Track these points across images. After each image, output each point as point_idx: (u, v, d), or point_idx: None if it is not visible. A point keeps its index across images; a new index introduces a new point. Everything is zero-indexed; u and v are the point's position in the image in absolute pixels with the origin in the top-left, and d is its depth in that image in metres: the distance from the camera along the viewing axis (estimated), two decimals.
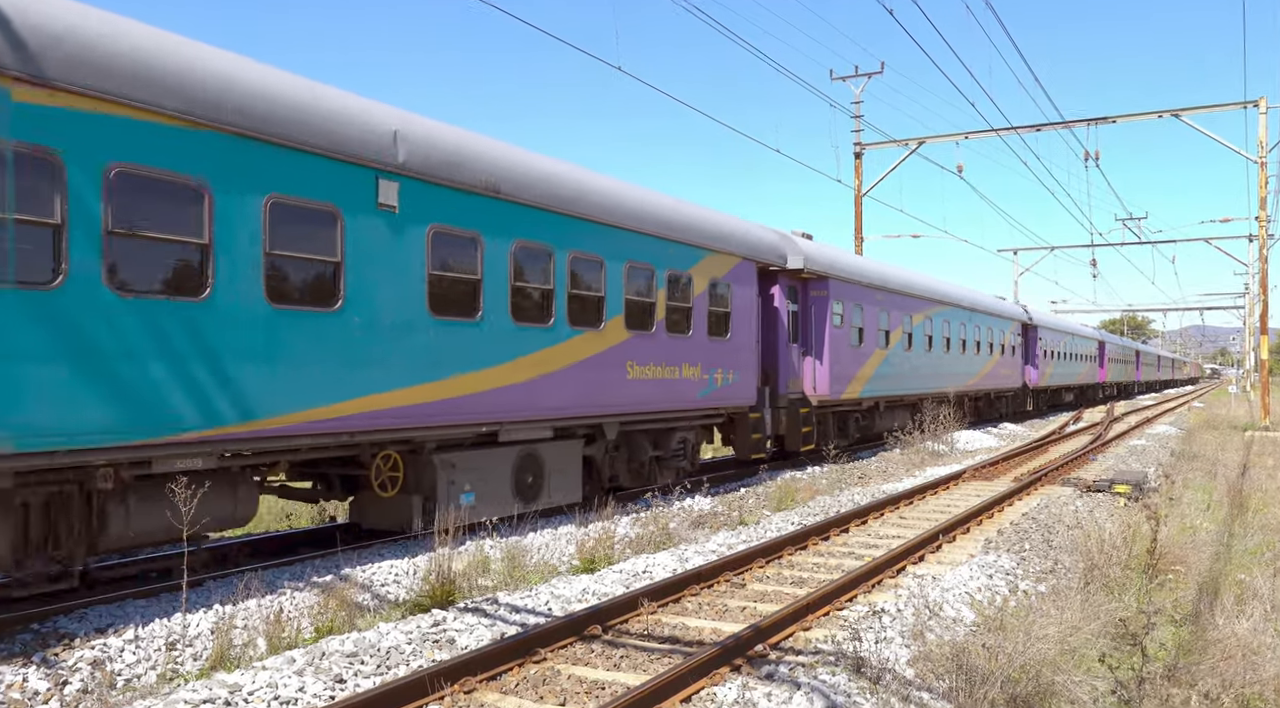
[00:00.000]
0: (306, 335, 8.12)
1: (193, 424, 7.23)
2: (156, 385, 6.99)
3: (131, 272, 6.93)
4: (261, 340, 7.78)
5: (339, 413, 8.36)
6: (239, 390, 7.57)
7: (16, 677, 5.49)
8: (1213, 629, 6.39)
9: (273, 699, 5.16)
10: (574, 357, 11.32)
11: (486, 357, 9.97)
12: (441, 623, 6.66)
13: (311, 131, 8.28)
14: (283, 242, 8.03)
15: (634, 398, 12.44)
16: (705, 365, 14.09)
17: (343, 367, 8.40)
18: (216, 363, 7.42)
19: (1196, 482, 15.29)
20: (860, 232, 30.82)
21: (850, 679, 5.46)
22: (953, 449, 21.32)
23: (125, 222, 6.89)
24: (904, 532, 10.80)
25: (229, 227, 7.57)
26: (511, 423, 10.38)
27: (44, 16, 6.51)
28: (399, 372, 8.94)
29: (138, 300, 6.95)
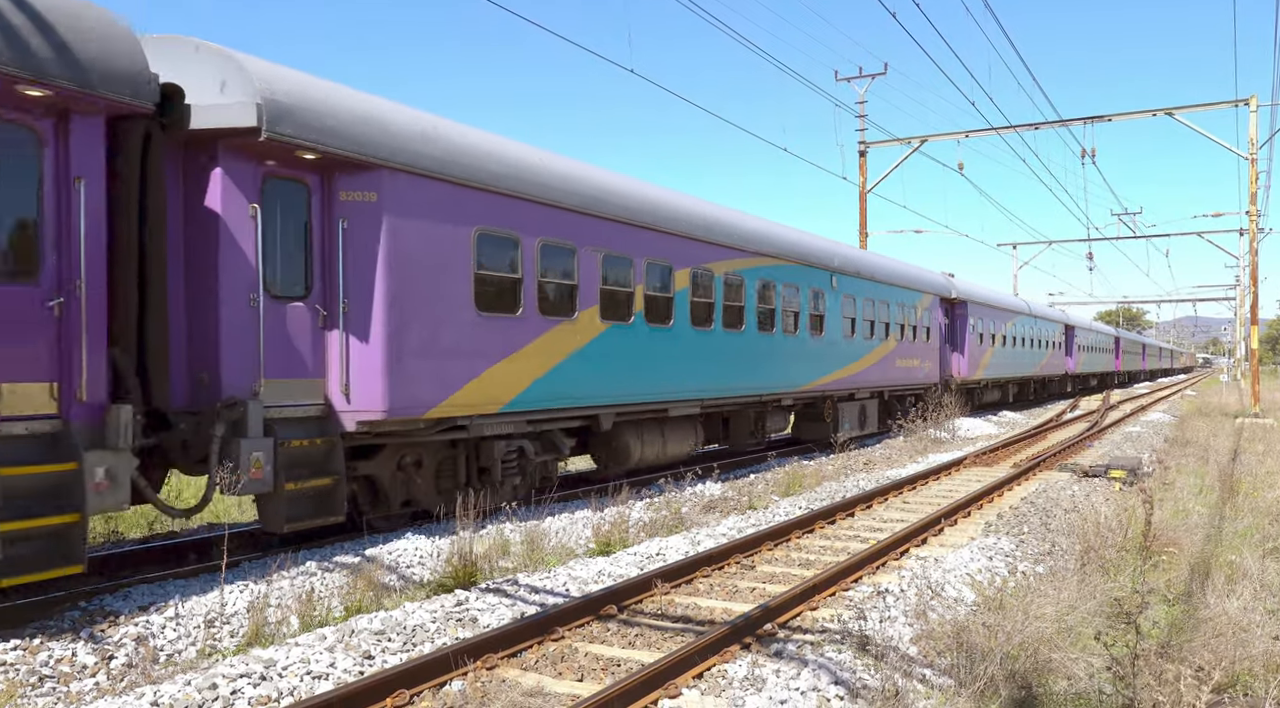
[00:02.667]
0: (792, 347, 16.86)
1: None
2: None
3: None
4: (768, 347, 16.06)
5: (818, 383, 17.85)
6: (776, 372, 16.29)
7: (66, 651, 5.72)
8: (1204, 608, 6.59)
9: (305, 674, 5.33)
10: (877, 357, 20.74)
11: (848, 359, 19.25)
12: (464, 603, 6.86)
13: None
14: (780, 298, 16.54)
15: (896, 377, 22.08)
16: (921, 360, 23.67)
17: (816, 362, 17.73)
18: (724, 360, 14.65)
19: (1189, 467, 15.52)
20: (865, 227, 31.06)
21: (855, 657, 5.63)
22: (954, 436, 21.56)
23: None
24: (907, 516, 11.03)
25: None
26: (861, 388, 19.99)
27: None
28: (831, 366, 18.41)
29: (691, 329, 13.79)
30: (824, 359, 18.03)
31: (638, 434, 12.82)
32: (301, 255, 8.39)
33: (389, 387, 8.64)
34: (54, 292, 6.50)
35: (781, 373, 16.35)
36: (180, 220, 7.72)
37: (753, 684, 5.26)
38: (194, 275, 7.75)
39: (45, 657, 5.61)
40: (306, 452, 8.16)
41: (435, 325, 9.17)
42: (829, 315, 18.27)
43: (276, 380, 8.14)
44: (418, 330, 8.96)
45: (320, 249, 8.52)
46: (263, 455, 7.62)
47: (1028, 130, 28.39)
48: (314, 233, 8.47)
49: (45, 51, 6.19)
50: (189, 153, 7.75)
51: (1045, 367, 38.24)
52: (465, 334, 9.55)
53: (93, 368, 6.64)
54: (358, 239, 8.55)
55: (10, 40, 5.98)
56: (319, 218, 8.51)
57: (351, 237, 8.54)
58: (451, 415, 9.41)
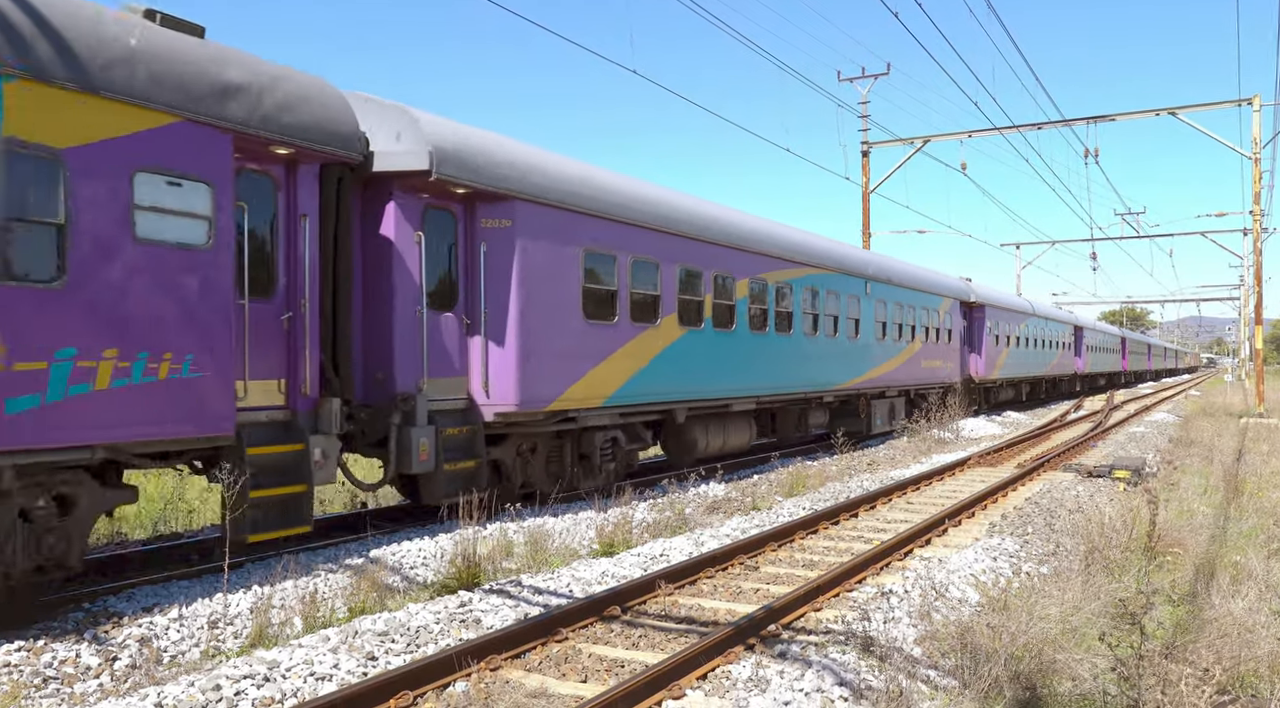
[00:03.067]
0: (832, 349, 18.27)
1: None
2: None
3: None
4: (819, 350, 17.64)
5: (853, 382, 19.14)
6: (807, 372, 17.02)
7: (70, 652, 5.73)
8: (1209, 609, 6.58)
9: (309, 675, 5.32)
10: (905, 358, 22.12)
11: (880, 360, 20.62)
12: (468, 604, 6.87)
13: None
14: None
15: (922, 377, 23.38)
16: (944, 360, 25.09)
17: (853, 363, 19.06)
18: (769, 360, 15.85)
19: (1194, 467, 15.50)
20: (868, 227, 31.09)
21: (859, 658, 5.63)
22: (958, 437, 21.55)
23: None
24: (911, 516, 11.02)
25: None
26: (891, 387, 21.31)
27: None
28: (865, 366, 19.74)
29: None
30: (859, 360, 19.49)
31: (704, 428, 14.24)
32: (450, 273, 10.06)
33: (520, 384, 10.21)
34: (285, 307, 8.18)
35: (823, 373, 17.79)
36: (358, 246, 9.22)
37: (757, 685, 5.26)
38: (370, 292, 9.34)
39: (49, 658, 5.62)
40: (457, 438, 9.78)
41: (554, 332, 10.74)
42: (864, 320, 19.74)
43: (435, 379, 9.70)
44: (541, 336, 10.55)
45: (464, 267, 10.18)
46: (427, 441, 9.29)
47: (1031, 130, 28.42)
48: (459, 254, 10.16)
49: (289, 117, 7.91)
50: (366, 189, 9.34)
51: (1056, 367, 39.31)
52: (575, 339, 11.12)
53: (312, 369, 8.35)
54: (495, 258, 10.19)
55: (266, 112, 7.69)
56: (463, 241, 10.18)
57: (490, 256, 10.20)
58: (565, 409, 10.97)
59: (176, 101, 7.04)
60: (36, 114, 6.21)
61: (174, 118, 7.03)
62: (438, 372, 9.73)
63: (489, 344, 10.14)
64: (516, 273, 10.18)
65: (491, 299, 10.15)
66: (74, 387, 6.37)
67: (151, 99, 6.86)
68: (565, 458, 11.61)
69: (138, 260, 6.77)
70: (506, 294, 10.14)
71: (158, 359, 6.87)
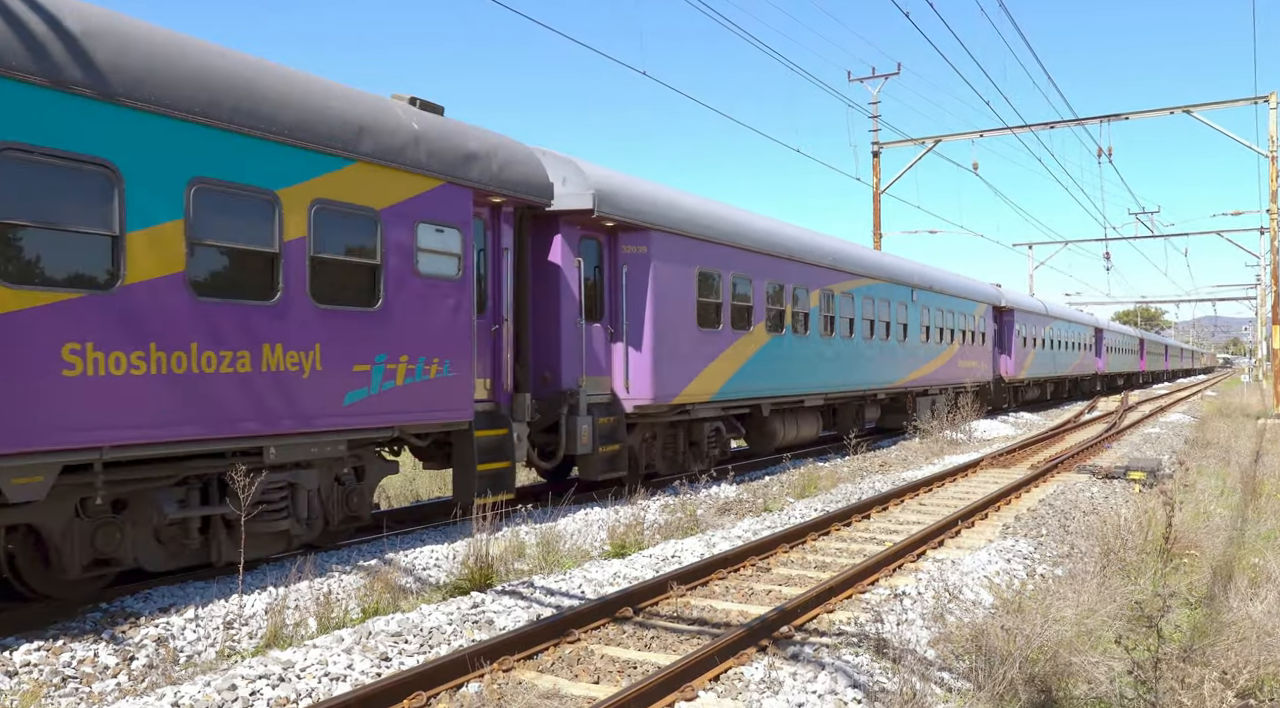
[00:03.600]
0: (884, 351, 20.23)
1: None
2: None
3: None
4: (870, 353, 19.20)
5: (902, 381, 21.17)
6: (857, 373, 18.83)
7: (88, 652, 5.77)
8: (1227, 612, 6.53)
9: (323, 676, 5.35)
10: (945, 359, 24.20)
11: (924, 361, 22.63)
12: (480, 605, 6.89)
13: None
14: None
15: (959, 376, 25.70)
16: (978, 361, 27.46)
17: (901, 363, 21.10)
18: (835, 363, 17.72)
19: (1210, 468, 15.38)
20: (879, 228, 30.99)
21: (872, 660, 5.62)
22: (970, 438, 21.47)
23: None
24: (924, 518, 10.99)
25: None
26: (933, 385, 23.35)
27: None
28: (912, 367, 21.73)
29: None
30: (907, 361, 21.64)
31: (783, 420, 16.31)
32: (598, 290, 12.10)
33: (653, 382, 12.31)
34: (493, 321, 10.28)
35: (877, 373, 19.90)
36: (530, 269, 10.99)
37: (769, 687, 5.26)
38: (540, 306, 11.21)
39: (68, 658, 5.67)
40: (606, 426, 11.76)
41: (676, 338, 12.81)
42: (910, 325, 21.90)
43: (589, 377, 11.70)
44: (668, 342, 12.62)
45: (609, 285, 12.25)
46: (587, 428, 11.31)
47: (1043, 129, 28.21)
48: (605, 275, 12.26)
49: (505, 174, 10.04)
50: (536, 223, 11.22)
51: (1078, 367, 41.41)
52: (691, 344, 13.17)
53: (512, 370, 10.44)
54: (634, 278, 12.26)
55: (492, 172, 9.81)
56: (608, 264, 12.28)
57: (630, 276, 12.24)
58: (684, 403, 13.06)
59: (441, 169, 9.20)
60: (367, 186, 8.38)
61: (440, 181, 9.21)
62: (591, 371, 11.74)
63: (629, 349, 12.23)
64: (651, 290, 12.33)
65: (631, 312, 12.23)
66: (384, 383, 8.54)
67: (427, 168, 9.04)
68: (679, 444, 13.75)
69: (419, 289, 8.95)
70: (642, 307, 12.27)
71: (430, 363, 9.02)
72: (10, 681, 5.34)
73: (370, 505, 8.97)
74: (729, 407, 14.35)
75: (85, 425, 6.28)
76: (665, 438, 13.41)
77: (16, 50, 5.98)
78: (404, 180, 8.79)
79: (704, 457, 14.01)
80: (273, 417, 7.52)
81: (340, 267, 8.15)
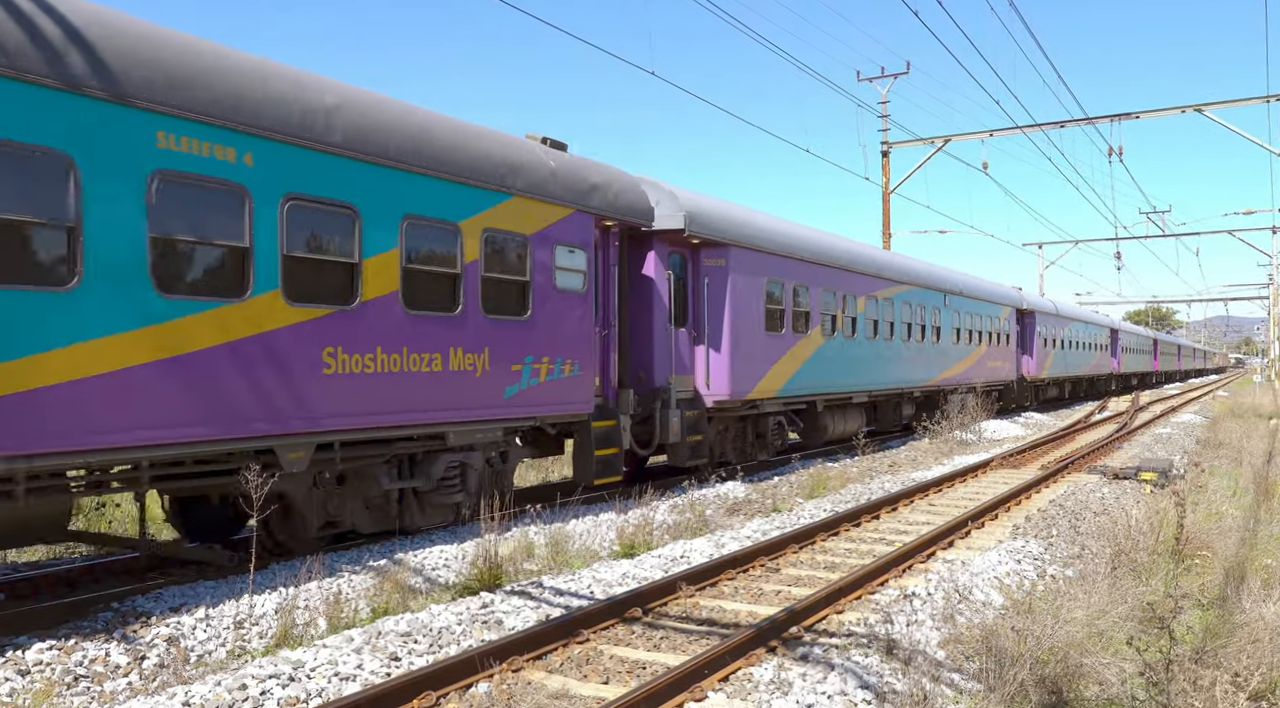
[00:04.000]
0: (920, 352, 21.71)
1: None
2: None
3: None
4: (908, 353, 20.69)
5: (935, 380, 22.74)
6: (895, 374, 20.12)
7: (100, 651, 5.80)
8: (1240, 613, 6.50)
9: (333, 675, 5.37)
10: (974, 359, 25.89)
11: (955, 361, 24.10)
12: (489, 605, 6.90)
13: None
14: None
15: (987, 376, 27.03)
16: (1004, 361, 28.66)
17: (935, 363, 22.62)
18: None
19: (1222, 469, 15.29)
20: (888, 228, 30.88)
21: (882, 661, 5.61)
22: (980, 438, 21.38)
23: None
24: (933, 518, 10.96)
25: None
26: (962, 384, 24.70)
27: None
28: (944, 367, 23.26)
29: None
30: (939, 361, 23.25)
31: (833, 415, 17.94)
32: (683, 299, 13.59)
33: (730, 380, 13.88)
34: (604, 327, 11.70)
35: (913, 372, 21.49)
36: (628, 282, 12.58)
37: (779, 688, 5.25)
38: (635, 314, 12.70)
39: (80, 657, 5.70)
40: (691, 419, 13.29)
41: (749, 341, 14.37)
42: (943, 327, 23.46)
43: (677, 376, 13.17)
44: (742, 344, 14.16)
45: (691, 294, 13.76)
46: (677, 420, 12.83)
47: (1053, 129, 28.11)
48: (689, 285, 13.75)
49: (619, 201, 11.66)
50: (633, 241, 12.72)
51: (1095, 367, 43.08)
52: (760, 346, 14.73)
53: (618, 368, 12.05)
54: (713, 288, 13.79)
55: (608, 199, 11.45)
56: (691, 276, 13.76)
57: (710, 286, 13.76)
58: (753, 398, 14.67)
59: (572, 199, 10.86)
60: (520, 215, 10.15)
61: (571, 209, 10.87)
62: (678, 371, 13.19)
63: (709, 351, 13.69)
64: (728, 298, 13.84)
65: (711, 318, 13.70)
66: (531, 380, 10.22)
67: (562, 199, 10.70)
68: (747, 436, 15.36)
69: (556, 301, 10.63)
70: (721, 314, 13.79)
71: (563, 363, 10.69)
72: (23, 679, 5.37)
73: (510, 484, 10.57)
74: (790, 402, 16.10)
75: (336, 412, 8.02)
76: (736, 430, 15.02)
77: (309, 125, 7.81)
78: (546, 210, 10.54)
79: (768, 447, 15.74)
80: (455, 407, 9.25)
81: (502, 283, 9.90)
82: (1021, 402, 31.40)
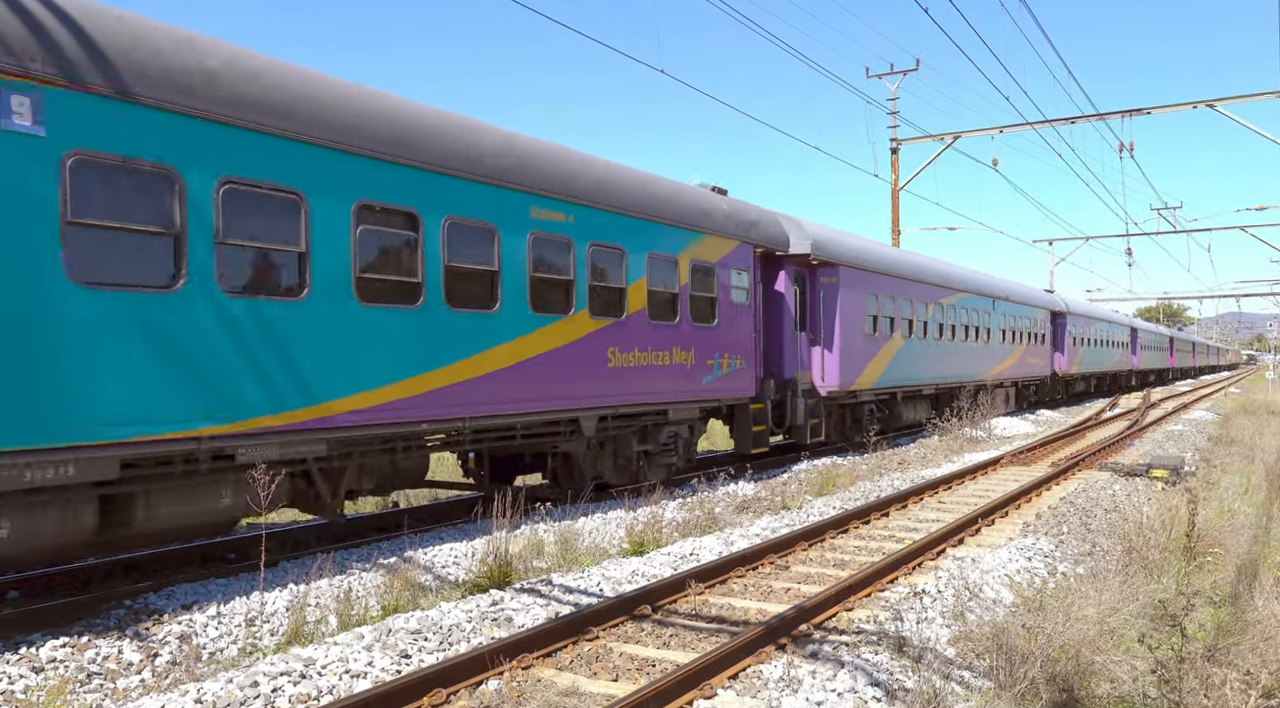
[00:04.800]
0: (973, 351, 25.00)
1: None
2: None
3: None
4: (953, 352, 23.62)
5: (984, 376, 25.79)
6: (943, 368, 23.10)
7: (113, 649, 5.84)
8: (1252, 611, 6.46)
9: (344, 673, 5.38)
10: (1016, 357, 28.90)
11: (1000, 359, 26.96)
12: (499, 603, 6.90)
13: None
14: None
15: (1026, 372, 30.42)
16: (1040, 359, 32.31)
17: (984, 361, 25.80)
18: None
19: (1234, 466, 15.20)
20: (897, 224, 30.77)
21: (892, 658, 5.60)
22: (990, 435, 21.32)
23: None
24: (943, 516, 10.92)
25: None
26: (1006, 380, 27.48)
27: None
28: (992, 364, 26.40)
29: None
30: (988, 359, 26.38)
31: (907, 405, 21.14)
32: (804, 309, 16.88)
33: (840, 374, 17.15)
34: (753, 332, 14.58)
35: (969, 368, 24.74)
36: (765, 296, 15.80)
37: (789, 686, 5.24)
38: (770, 321, 15.87)
39: (93, 654, 5.73)
40: (811, 406, 16.48)
41: (852, 343, 17.65)
42: (992, 329, 26.76)
43: (800, 371, 16.41)
44: (848, 345, 17.44)
45: (810, 305, 17.01)
46: (802, 407, 16.05)
47: (1064, 125, 27.90)
48: (807, 298, 16.97)
49: (770, 233, 14.96)
50: (768, 263, 15.81)
51: (1117, 363, 46.96)
52: (859, 347, 18.03)
53: (760, 363, 15.09)
54: (827, 300, 17.06)
55: (762, 232, 14.71)
56: (809, 290, 17.00)
57: (825, 299, 17.03)
58: (854, 389, 17.91)
59: (739, 234, 14.16)
60: (710, 248, 13.41)
61: (738, 242, 14.16)
62: (802, 367, 16.48)
63: (823, 351, 16.91)
64: (839, 309, 17.09)
65: (825, 324, 16.91)
66: (717, 371, 13.55)
67: (733, 234, 14.02)
68: (846, 421, 18.54)
69: (731, 312, 13.92)
70: (833, 321, 17.03)
71: (735, 359, 14.02)
72: (37, 677, 5.41)
73: (695, 451, 13.67)
74: (879, 393, 19.32)
75: (613, 394, 11.43)
76: (838, 416, 18.25)
77: (614, 197, 11.56)
78: (724, 243, 13.82)
79: (863, 429, 18.78)
80: (675, 391, 12.63)
81: (701, 299, 13.28)
82: (1054, 395, 34.87)
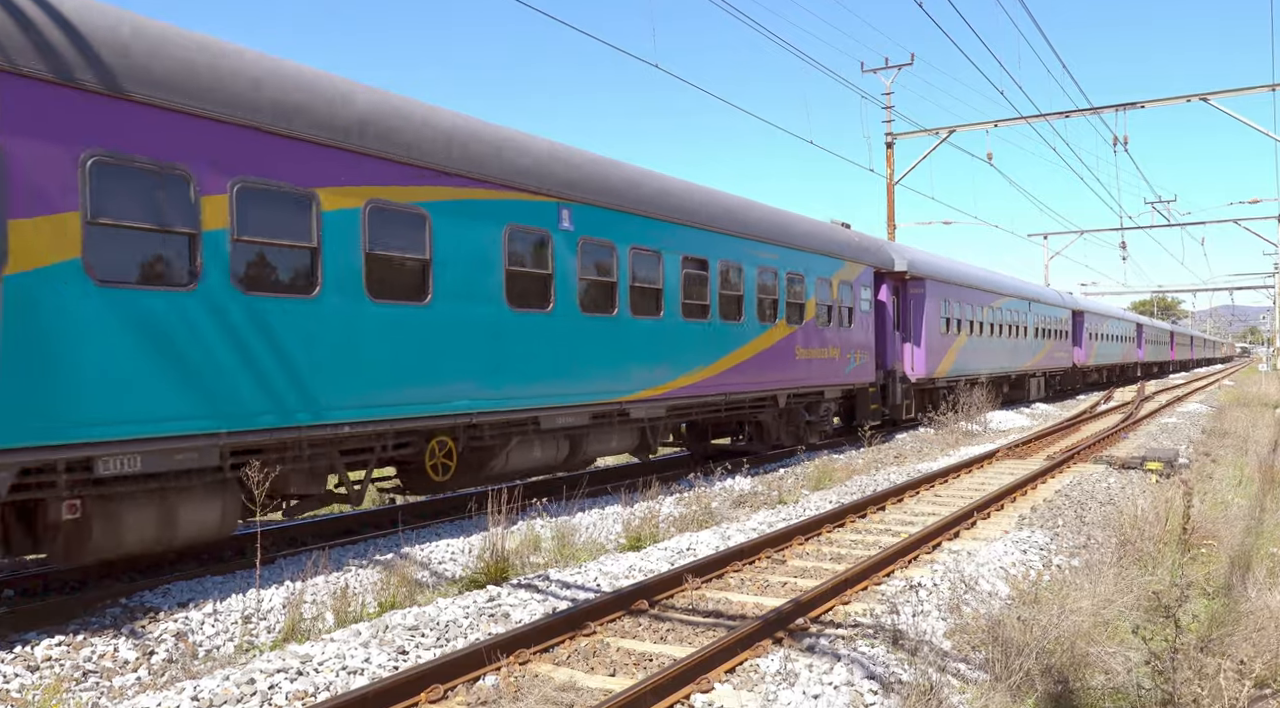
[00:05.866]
0: (1015, 346, 30.16)
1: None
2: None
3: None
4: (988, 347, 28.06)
5: (1022, 367, 30.77)
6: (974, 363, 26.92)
7: (109, 647, 5.84)
8: (1245, 602, 6.49)
9: (341, 669, 5.38)
10: (1046, 352, 33.90)
11: (1035, 353, 32.08)
12: (496, 598, 6.91)
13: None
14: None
15: (1053, 365, 35.55)
16: (1064, 353, 37.36)
17: (1023, 355, 30.73)
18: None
19: (1228, 458, 15.27)
20: (893, 219, 30.76)
21: (889, 651, 5.62)
22: (985, 429, 21.38)
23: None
24: (939, 509, 10.95)
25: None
26: (1038, 371, 32.86)
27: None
28: (1028, 357, 31.37)
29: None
30: (1025, 353, 30.88)
31: (964, 390, 24.09)
32: (898, 313, 20.87)
33: (925, 365, 21.43)
34: (872, 334, 18.75)
35: (1010, 361, 29.00)
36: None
37: (785, 679, 5.25)
38: (877, 324, 19.59)
39: (89, 652, 5.73)
40: (905, 390, 20.69)
41: (933, 340, 21.80)
42: (1028, 327, 31.12)
43: (895, 363, 20.37)
44: (930, 342, 21.65)
45: (902, 309, 21.03)
46: (899, 390, 20.30)
47: (1058, 119, 27.91)
48: (901, 304, 21.02)
49: (880, 256, 19.93)
50: (875, 278, 19.54)
51: (1125, 356, 51.70)
52: (939, 343, 22.35)
53: (873, 358, 19.13)
54: (915, 307, 21.29)
55: (875, 257, 19.61)
56: (902, 297, 21.01)
57: (913, 305, 21.26)
58: (933, 377, 22.04)
59: (864, 259, 18.59)
60: (847, 270, 17.97)
61: (863, 265, 18.59)
62: (896, 360, 20.39)
63: (912, 347, 21.15)
64: (925, 313, 21.37)
65: (914, 325, 21.13)
66: (852, 364, 17.92)
67: (859, 260, 18.38)
68: (924, 403, 22.29)
69: (860, 318, 18.28)
70: (920, 323, 21.28)
71: (861, 354, 18.24)
72: (33, 675, 5.40)
73: (832, 424, 17.81)
74: (951, 381, 23.53)
75: (798, 377, 15.88)
76: (918, 398, 22.18)
77: (786, 235, 15.95)
78: (856, 267, 18.23)
79: (939, 408, 21.91)
80: (829, 377, 16.96)
81: (841, 309, 17.49)
82: (1074, 384, 40.19)
